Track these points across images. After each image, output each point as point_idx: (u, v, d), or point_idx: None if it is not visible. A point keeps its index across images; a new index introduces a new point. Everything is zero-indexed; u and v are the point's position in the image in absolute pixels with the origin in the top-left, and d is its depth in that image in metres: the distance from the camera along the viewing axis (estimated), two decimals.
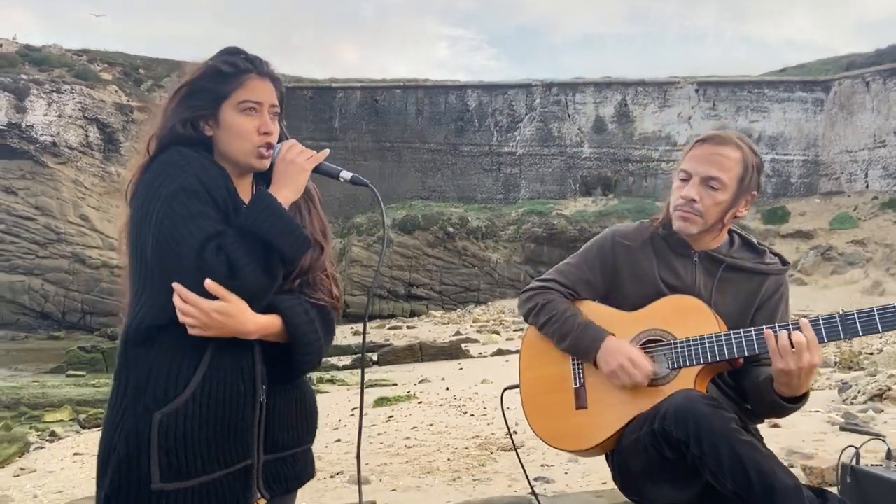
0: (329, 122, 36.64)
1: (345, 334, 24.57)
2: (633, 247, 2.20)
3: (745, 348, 1.97)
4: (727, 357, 1.99)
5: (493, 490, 4.67)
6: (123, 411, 1.59)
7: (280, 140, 1.78)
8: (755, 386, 2.05)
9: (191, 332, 1.56)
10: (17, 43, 34.41)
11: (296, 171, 1.71)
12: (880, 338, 11.47)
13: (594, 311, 2.18)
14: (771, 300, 2.16)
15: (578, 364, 2.15)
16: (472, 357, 13.32)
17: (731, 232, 2.26)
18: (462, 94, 36.89)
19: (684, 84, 37.66)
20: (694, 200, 2.08)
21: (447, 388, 9.18)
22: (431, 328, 23.15)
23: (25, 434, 8.44)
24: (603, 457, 2.23)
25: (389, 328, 24.57)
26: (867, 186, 35.83)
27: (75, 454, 7.25)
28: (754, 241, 2.25)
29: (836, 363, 8.67)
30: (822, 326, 1.93)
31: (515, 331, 19.37)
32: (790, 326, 1.94)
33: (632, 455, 1.97)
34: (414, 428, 6.74)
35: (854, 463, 2.71)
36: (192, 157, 1.64)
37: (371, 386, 10.20)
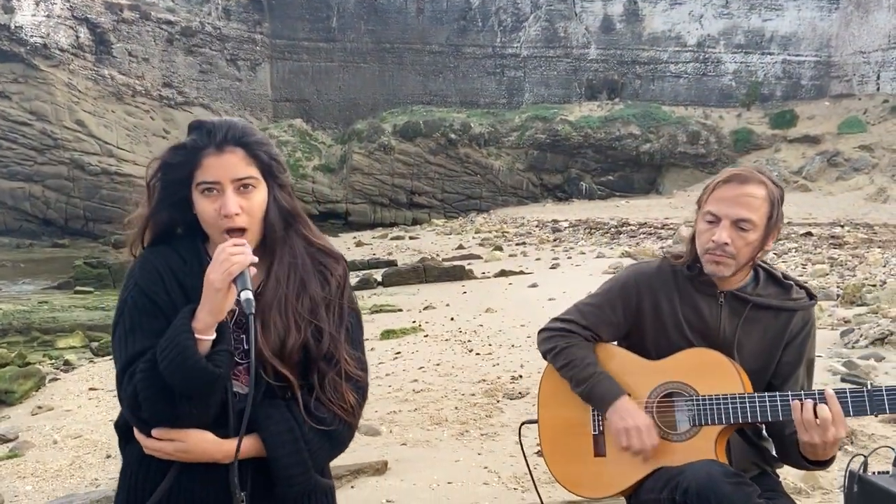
0: (326, 21, 35.45)
1: (348, 245, 24.67)
2: (656, 286, 2.16)
3: (769, 413, 1.96)
4: (750, 420, 1.99)
5: (501, 447, 4.80)
6: None
7: (271, 205, 1.65)
8: (781, 439, 2.07)
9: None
10: None
11: (210, 290, 1.52)
12: (884, 265, 11.49)
13: (615, 358, 2.16)
14: (799, 336, 2.14)
15: (598, 411, 2.15)
16: (475, 278, 13.41)
17: (755, 266, 2.20)
18: None
19: None
20: (726, 244, 2.03)
21: (452, 319, 9.28)
22: (434, 239, 23.22)
23: (39, 364, 8.62)
24: None
25: (392, 238, 24.66)
26: (878, 89, 35.12)
27: (90, 389, 7.39)
28: (779, 274, 2.20)
29: (838, 296, 8.72)
30: (848, 400, 1.92)
31: (518, 245, 19.45)
32: (816, 397, 1.92)
33: None
34: (421, 368, 6.86)
35: (862, 471, 2.75)
36: (144, 261, 1.63)
37: (376, 312, 10.31)
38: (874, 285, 9.28)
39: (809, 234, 17.87)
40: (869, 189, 31.35)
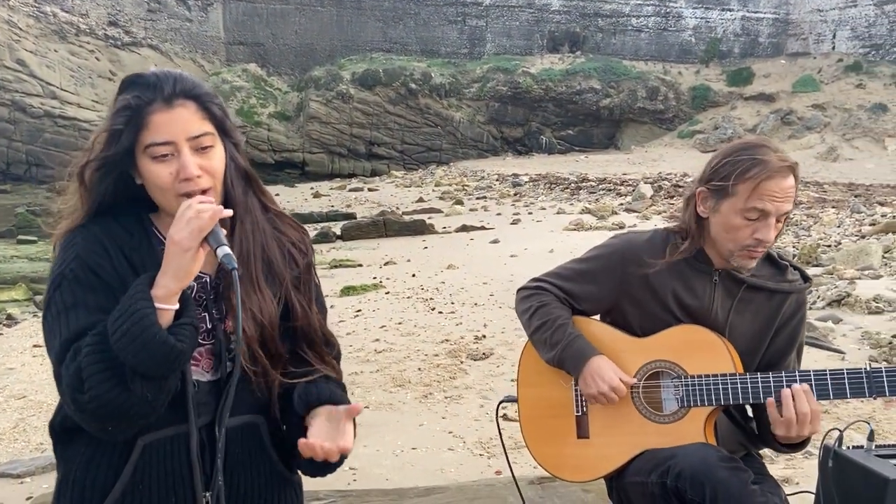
0: None
1: (305, 196, 24.16)
2: (645, 259, 2.02)
3: (762, 395, 1.88)
4: (741, 402, 1.91)
5: (465, 410, 4.73)
6: None
7: (229, 164, 1.46)
8: (759, 420, 2.02)
9: None
10: None
11: (176, 251, 1.34)
12: (839, 226, 11.69)
13: (599, 334, 2.04)
14: (792, 320, 2.05)
15: (580, 391, 2.04)
16: (436, 233, 13.27)
17: None
18: None
19: None
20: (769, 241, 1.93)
21: (413, 275, 9.15)
22: (393, 191, 22.92)
23: None
24: None
25: (350, 190, 24.25)
26: (833, 48, 35.52)
27: (35, 346, 7.10)
28: (775, 254, 2.09)
29: (794, 257, 8.81)
30: (846, 381, 1.86)
31: (478, 199, 19.32)
32: (806, 384, 1.86)
33: (637, 496, 1.92)
34: (383, 327, 6.74)
35: (837, 446, 2.73)
36: (84, 234, 1.41)
37: (336, 267, 10.12)
38: (829, 246, 9.41)
39: None
40: (820, 148, 31.91)
